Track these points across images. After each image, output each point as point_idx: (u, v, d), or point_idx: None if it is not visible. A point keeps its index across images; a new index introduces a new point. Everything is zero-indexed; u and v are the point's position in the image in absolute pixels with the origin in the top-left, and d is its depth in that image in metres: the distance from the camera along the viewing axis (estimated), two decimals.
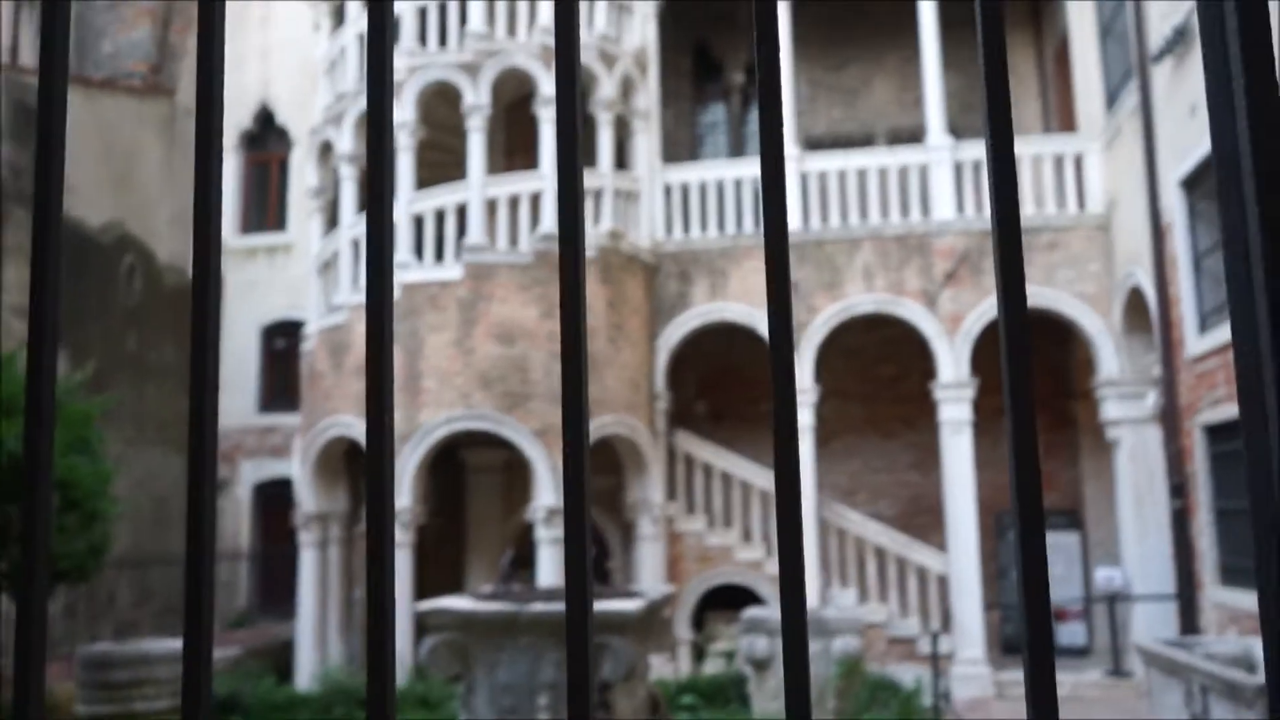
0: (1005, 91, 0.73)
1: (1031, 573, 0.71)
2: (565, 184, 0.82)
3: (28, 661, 0.75)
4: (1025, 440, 0.73)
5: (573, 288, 0.78)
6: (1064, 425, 13.33)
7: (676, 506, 12.25)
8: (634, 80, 12.62)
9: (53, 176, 0.82)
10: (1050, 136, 12.71)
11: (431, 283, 11.12)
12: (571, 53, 0.83)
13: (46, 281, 0.84)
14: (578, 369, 0.77)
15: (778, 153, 0.79)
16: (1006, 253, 0.75)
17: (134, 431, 14.57)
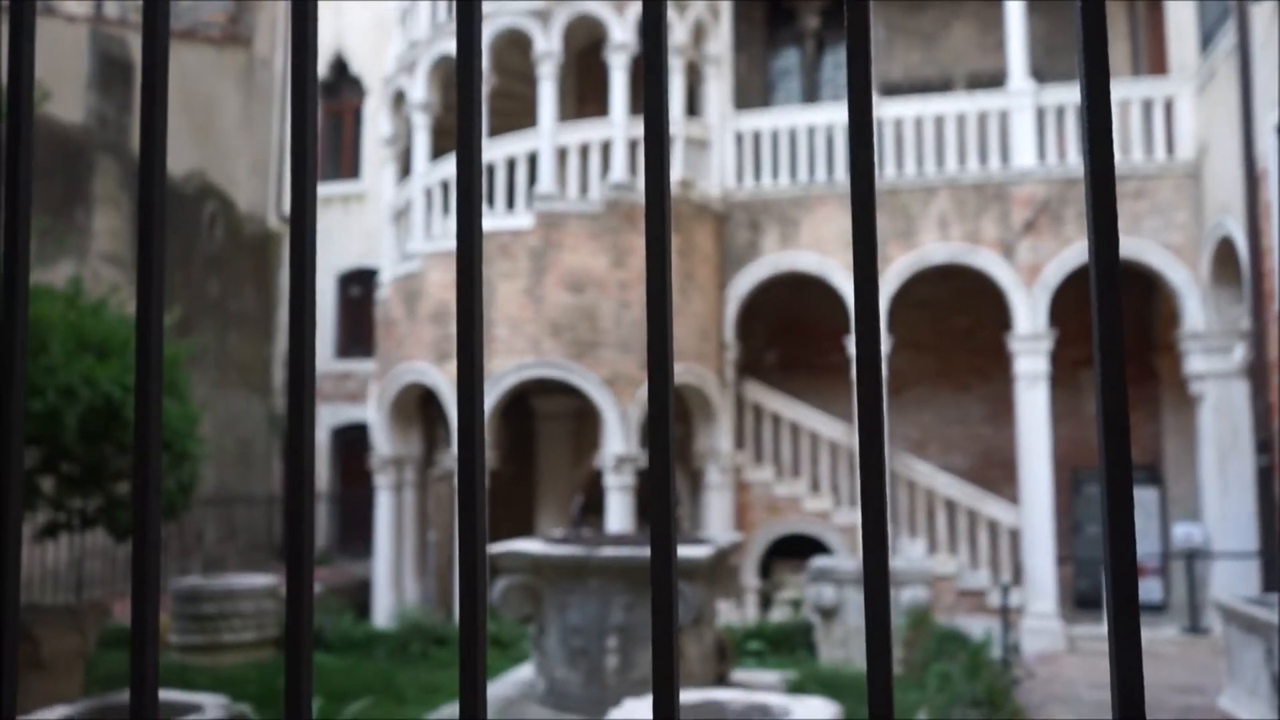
0: (1102, 32, 0.71)
1: (1118, 530, 0.71)
2: (651, 135, 0.82)
3: (144, 593, 0.80)
4: (1115, 398, 0.73)
5: (658, 240, 0.79)
6: (1146, 379, 13.00)
7: (745, 456, 12.28)
8: (706, 25, 12.44)
9: (156, 129, 0.86)
10: (1139, 80, 12.22)
11: (503, 231, 11.20)
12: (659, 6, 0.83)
13: (153, 238, 0.89)
14: (663, 322, 0.78)
15: (866, 104, 0.78)
16: (1100, 202, 0.74)
17: (218, 375, 15.06)
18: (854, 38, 0.80)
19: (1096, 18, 0.73)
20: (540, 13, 11.58)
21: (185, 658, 9.50)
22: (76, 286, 7.19)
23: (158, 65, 0.85)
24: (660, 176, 0.81)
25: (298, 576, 0.78)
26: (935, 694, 7.38)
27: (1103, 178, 0.72)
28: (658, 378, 0.80)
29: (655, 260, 0.79)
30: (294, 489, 0.79)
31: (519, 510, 13.57)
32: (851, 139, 0.78)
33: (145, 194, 0.87)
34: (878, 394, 0.74)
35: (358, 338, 16.52)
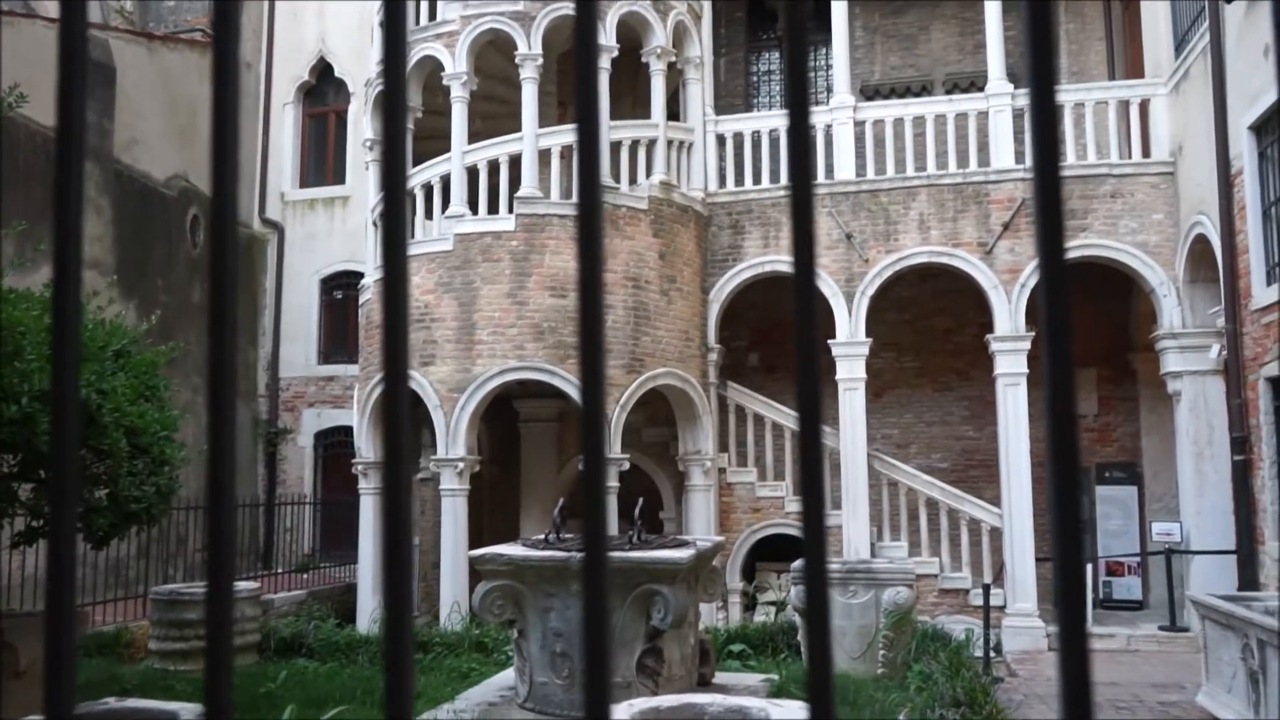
0: (1049, 36, 0.72)
1: (1067, 527, 0.73)
2: (585, 134, 0.84)
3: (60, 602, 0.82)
4: (1063, 403, 0.75)
5: (590, 240, 0.80)
6: (1123, 378, 13.10)
7: (728, 458, 12.32)
8: (687, 28, 12.48)
9: (74, 108, 0.88)
10: (1115, 81, 12.32)
11: (485, 233, 11.21)
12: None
13: (69, 223, 0.90)
14: (595, 323, 0.80)
15: (803, 102, 0.80)
16: (1047, 203, 0.74)
17: (200, 380, 15.00)
18: (792, 41, 0.82)
19: (1043, 26, 0.74)
20: (521, 15, 11.60)
21: (165, 664, 9.47)
22: None
23: (76, 51, 0.87)
24: (593, 175, 0.83)
25: (218, 579, 0.80)
26: (916, 694, 7.42)
27: (1049, 177, 0.73)
28: (590, 390, 0.82)
29: (588, 260, 0.81)
30: (215, 493, 0.81)
31: (503, 513, 13.57)
32: (790, 137, 0.80)
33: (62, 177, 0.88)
34: (814, 394, 0.76)
35: (341, 341, 16.49)
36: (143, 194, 14.52)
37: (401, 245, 0.80)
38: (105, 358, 7.12)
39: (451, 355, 11.11)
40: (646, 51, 12.05)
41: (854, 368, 11.77)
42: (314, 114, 17.60)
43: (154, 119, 15.11)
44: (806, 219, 0.79)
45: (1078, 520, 0.74)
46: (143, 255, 14.31)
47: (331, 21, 17.19)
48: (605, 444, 0.89)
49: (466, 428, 11.12)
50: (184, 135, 15.63)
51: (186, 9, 17.25)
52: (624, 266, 11.25)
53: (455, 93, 11.68)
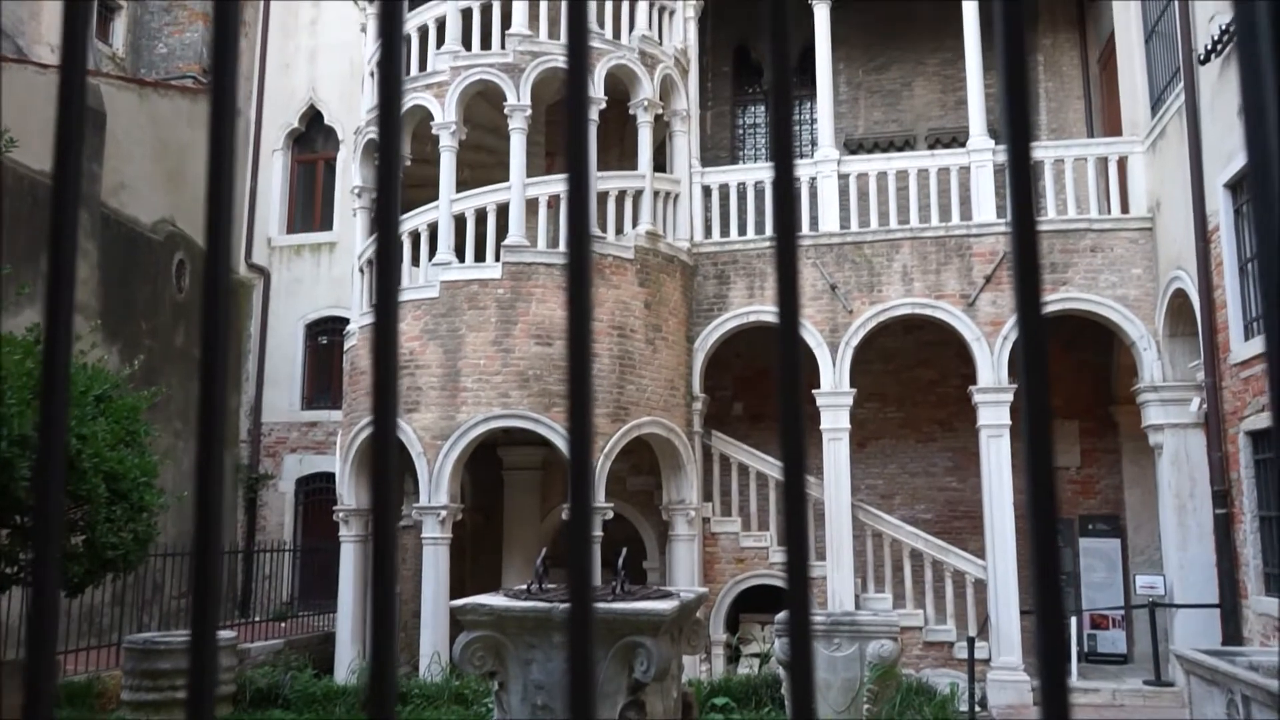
0: (1025, 93, 0.73)
1: (1045, 580, 0.73)
2: (574, 183, 0.86)
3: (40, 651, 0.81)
4: (1042, 460, 0.75)
5: (579, 290, 0.81)
6: (1105, 430, 13.17)
7: (712, 507, 12.28)
8: (674, 81, 12.67)
9: (71, 144, 0.89)
10: (1094, 139, 12.56)
11: (471, 281, 11.24)
12: (582, 50, 0.85)
13: (62, 270, 0.91)
14: (583, 372, 0.81)
15: (788, 155, 0.82)
16: (1024, 256, 0.75)
17: (182, 424, 14.90)
18: (778, 100, 0.84)
19: (1019, 85, 0.76)
20: (511, 67, 11.75)
21: (138, 715, 9.28)
22: (36, 334, 7.14)
23: (74, 97, 0.89)
24: (582, 222, 0.84)
25: (201, 634, 0.79)
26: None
27: (1026, 232, 0.74)
28: (577, 439, 0.83)
29: (577, 306, 0.82)
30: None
31: (485, 562, 13.45)
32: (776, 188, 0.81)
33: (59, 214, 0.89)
34: (799, 444, 0.77)
35: (325, 387, 16.43)
36: (129, 238, 14.52)
37: (393, 293, 0.81)
38: (86, 403, 7.07)
39: (436, 402, 11.09)
40: (634, 104, 12.21)
41: (838, 418, 11.80)
42: (303, 160, 17.71)
43: (143, 164, 15.17)
44: (791, 270, 0.81)
45: (1057, 573, 0.75)
46: (127, 299, 14.28)
47: (323, 69, 17.37)
48: (591, 493, 0.90)
49: (450, 475, 11.06)
50: (172, 180, 15.69)
51: (178, 56, 17.40)
52: (610, 315, 11.30)
53: (444, 142, 11.78)
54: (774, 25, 0.82)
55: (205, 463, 0.80)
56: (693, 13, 13.21)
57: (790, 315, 0.77)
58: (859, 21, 14.43)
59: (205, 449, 0.80)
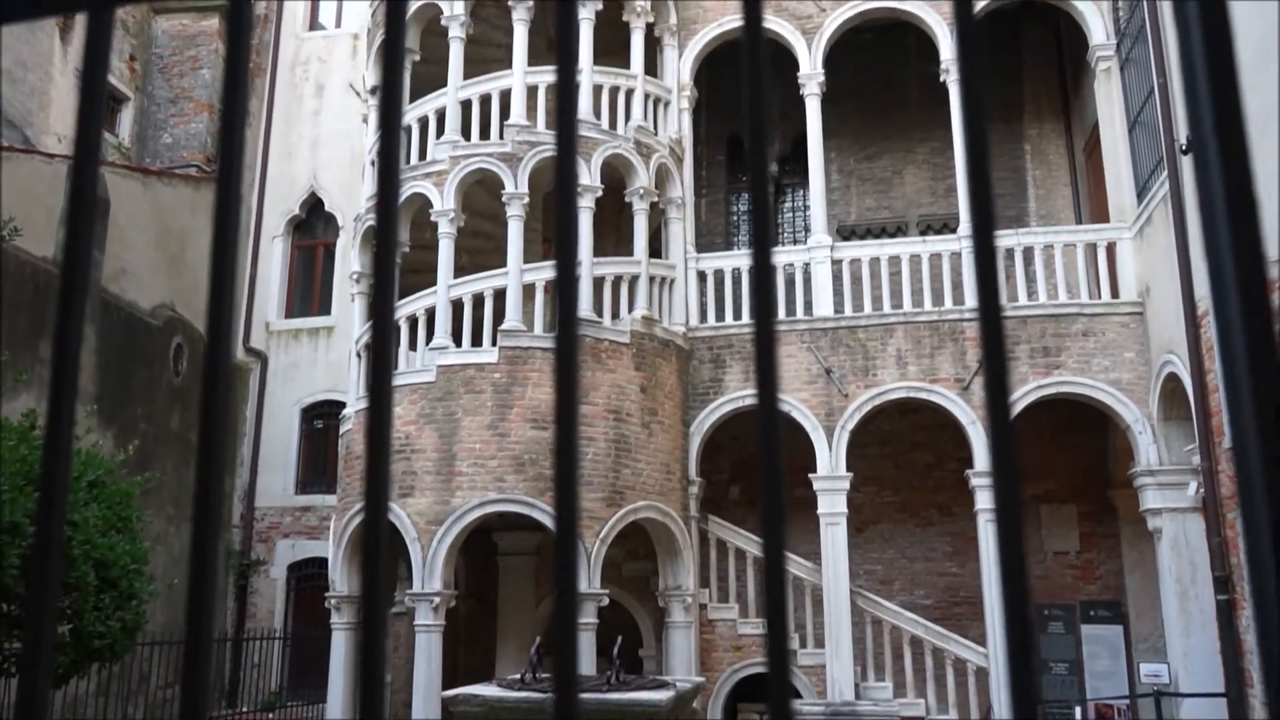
0: (986, 176, 0.77)
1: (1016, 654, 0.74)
2: (563, 268, 0.88)
3: None
4: (1013, 544, 0.77)
5: (566, 375, 0.83)
6: (1104, 514, 13.10)
7: (709, 593, 12.14)
8: (669, 170, 12.93)
9: (80, 247, 0.92)
10: (1082, 226, 12.78)
11: (468, 365, 11.30)
12: (570, 136, 0.89)
13: (66, 364, 0.93)
14: (569, 459, 0.83)
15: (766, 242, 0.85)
16: (990, 336, 0.77)
17: (174, 510, 14.79)
18: (756, 190, 0.87)
19: (980, 153, 0.79)
20: (509, 156, 12.00)
21: None
22: (32, 420, 7.14)
23: (86, 188, 0.92)
24: (570, 310, 0.87)
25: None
26: None
27: (992, 318, 0.76)
28: (564, 526, 0.84)
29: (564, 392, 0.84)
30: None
31: (479, 649, 13.22)
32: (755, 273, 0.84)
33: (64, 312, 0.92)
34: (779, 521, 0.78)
35: (320, 471, 16.36)
36: (128, 323, 14.62)
37: (387, 380, 0.84)
38: (80, 488, 7.04)
39: (431, 487, 11.04)
40: (630, 192, 12.44)
41: (835, 502, 11.75)
42: (302, 246, 17.94)
43: (144, 250, 15.36)
44: (769, 350, 0.83)
45: (1031, 663, 0.76)
46: (124, 383, 14.31)
47: (325, 158, 17.71)
48: (577, 583, 0.91)
49: (444, 561, 10.96)
50: (173, 265, 15.86)
51: (183, 145, 17.75)
52: (605, 399, 11.33)
53: (443, 229, 11.97)
54: (752, 121, 0.86)
55: (200, 566, 0.81)
56: (687, 104, 13.54)
57: (770, 397, 0.80)
58: (849, 112, 14.79)
59: (199, 554, 0.81)
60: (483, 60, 13.12)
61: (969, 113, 0.78)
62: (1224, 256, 0.70)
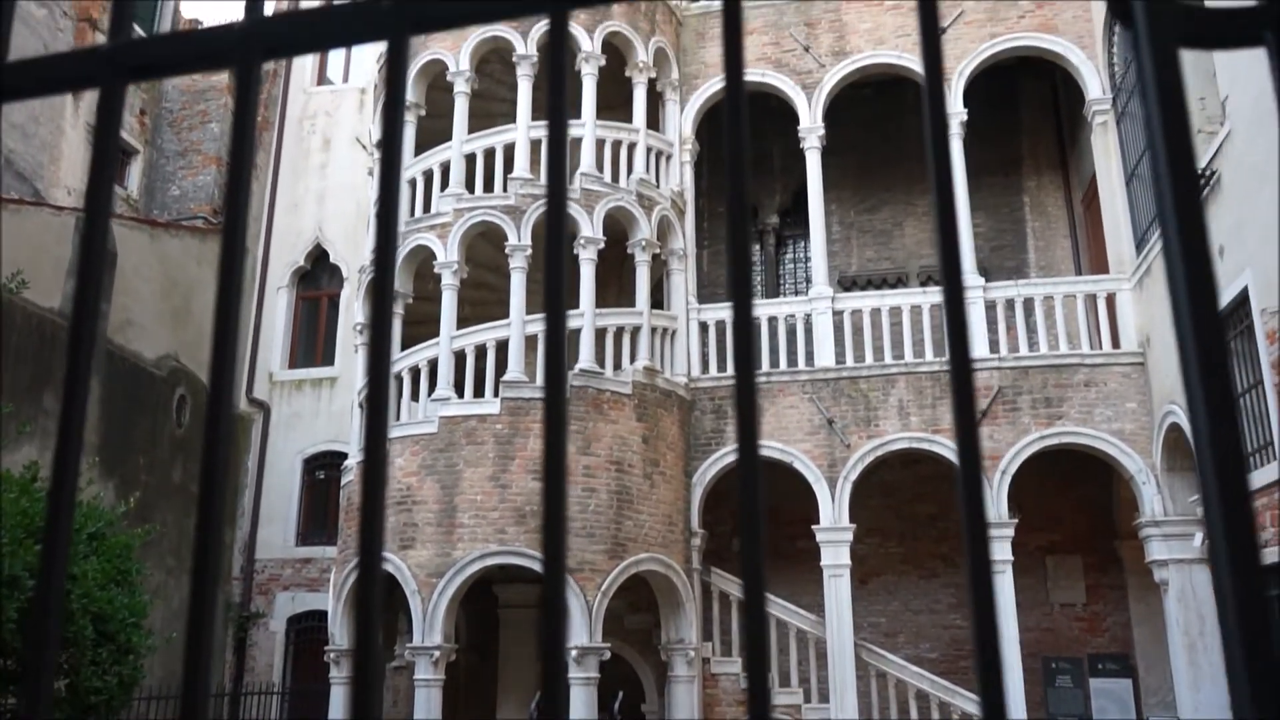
0: (954, 229, 0.78)
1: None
2: (552, 324, 0.90)
3: None
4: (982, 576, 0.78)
5: (555, 421, 0.85)
6: (1110, 566, 13.00)
7: (712, 647, 12.01)
8: (671, 222, 13.04)
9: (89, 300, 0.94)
10: (1081, 276, 12.85)
11: (470, 416, 11.31)
12: (560, 193, 0.92)
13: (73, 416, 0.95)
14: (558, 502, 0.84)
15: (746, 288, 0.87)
16: (960, 388, 0.78)
17: (174, 562, 14.71)
18: (735, 248, 0.90)
19: (950, 229, 0.82)
20: (512, 209, 12.13)
21: None
22: (33, 472, 7.15)
23: (95, 243, 0.95)
24: (558, 366, 0.89)
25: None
26: None
27: (963, 372, 0.77)
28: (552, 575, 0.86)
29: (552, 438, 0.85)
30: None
31: (479, 704, 13.06)
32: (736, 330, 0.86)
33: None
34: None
35: (321, 523, 16.30)
36: (132, 374, 14.67)
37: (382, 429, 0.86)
38: (80, 541, 7.03)
39: (432, 539, 10.99)
40: (632, 243, 12.54)
41: (838, 554, 11.67)
42: (307, 297, 18.05)
43: (150, 300, 15.46)
44: (750, 404, 0.85)
45: None
46: (127, 434, 14.32)
47: (330, 210, 17.89)
48: (565, 637, 0.92)
49: (444, 614, 10.87)
50: (178, 316, 15.96)
51: (191, 198, 17.96)
52: (608, 450, 11.32)
53: (446, 280, 12.05)
54: (732, 176, 0.89)
55: (197, 621, 0.83)
56: (689, 157, 13.71)
57: (751, 449, 0.81)
58: (850, 165, 14.96)
59: (197, 609, 0.83)
60: (487, 114, 13.31)
61: (939, 170, 0.81)
62: (1182, 307, 0.72)
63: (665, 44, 13.56)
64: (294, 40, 0.87)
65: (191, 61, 0.89)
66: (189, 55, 0.89)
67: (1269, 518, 8.66)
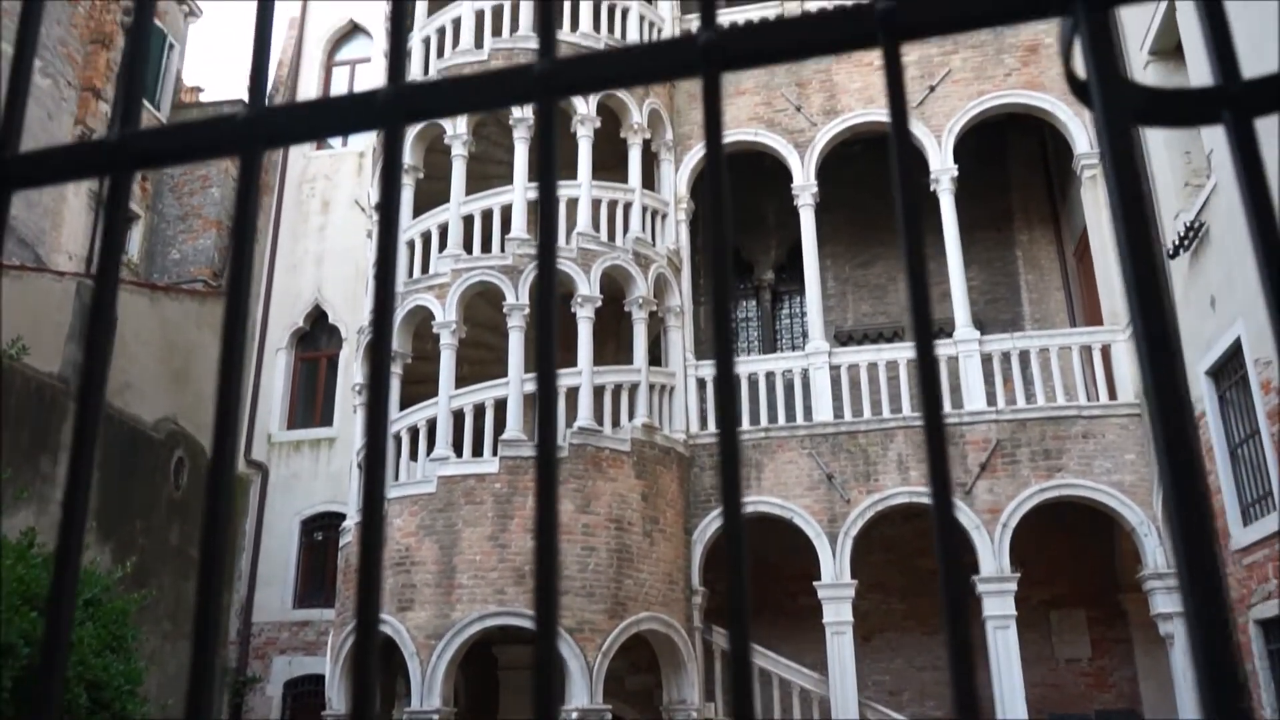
0: (925, 285, 0.81)
1: None
2: (544, 379, 0.93)
3: None
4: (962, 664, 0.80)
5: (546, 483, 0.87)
6: (1114, 620, 12.88)
7: (715, 708, 11.84)
8: (668, 280, 13.15)
9: (96, 372, 0.97)
10: (1076, 329, 12.93)
11: (469, 475, 11.29)
12: (551, 252, 0.96)
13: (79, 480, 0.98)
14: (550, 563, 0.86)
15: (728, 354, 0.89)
16: (935, 447, 0.81)
17: (171, 626, 14.56)
18: (718, 317, 0.93)
19: (919, 262, 0.84)
20: (509, 269, 12.24)
21: None
22: (30, 538, 7.12)
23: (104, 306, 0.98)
24: (549, 425, 0.91)
25: None
26: None
27: (936, 428, 0.80)
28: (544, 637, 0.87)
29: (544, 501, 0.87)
30: None
31: None
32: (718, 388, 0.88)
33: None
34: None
35: (318, 585, 16.16)
36: (131, 437, 14.66)
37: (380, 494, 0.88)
38: (76, 607, 6.99)
39: (430, 600, 10.90)
40: (629, 301, 12.63)
41: (840, 610, 11.57)
42: (306, 358, 18.11)
43: (149, 363, 15.51)
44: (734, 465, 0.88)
45: None
46: (124, 497, 14.26)
47: (329, 272, 18.03)
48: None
49: (443, 676, 10.74)
50: (177, 380, 15.99)
51: (191, 261, 18.11)
52: (607, 508, 11.28)
53: (444, 340, 12.12)
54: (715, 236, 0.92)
55: (196, 692, 0.85)
56: (684, 216, 13.87)
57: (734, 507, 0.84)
58: (843, 221, 15.12)
59: (197, 681, 0.85)
60: (484, 176, 13.49)
61: (909, 235, 0.85)
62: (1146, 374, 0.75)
63: (659, 106, 13.79)
64: (294, 130, 0.91)
65: (197, 151, 0.94)
66: (194, 146, 0.93)
67: (1271, 569, 8.62)
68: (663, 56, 0.84)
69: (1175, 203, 10.14)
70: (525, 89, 0.86)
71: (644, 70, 0.85)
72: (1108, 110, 0.78)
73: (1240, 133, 0.79)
